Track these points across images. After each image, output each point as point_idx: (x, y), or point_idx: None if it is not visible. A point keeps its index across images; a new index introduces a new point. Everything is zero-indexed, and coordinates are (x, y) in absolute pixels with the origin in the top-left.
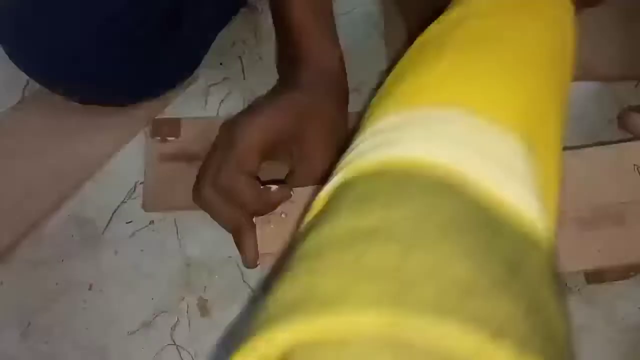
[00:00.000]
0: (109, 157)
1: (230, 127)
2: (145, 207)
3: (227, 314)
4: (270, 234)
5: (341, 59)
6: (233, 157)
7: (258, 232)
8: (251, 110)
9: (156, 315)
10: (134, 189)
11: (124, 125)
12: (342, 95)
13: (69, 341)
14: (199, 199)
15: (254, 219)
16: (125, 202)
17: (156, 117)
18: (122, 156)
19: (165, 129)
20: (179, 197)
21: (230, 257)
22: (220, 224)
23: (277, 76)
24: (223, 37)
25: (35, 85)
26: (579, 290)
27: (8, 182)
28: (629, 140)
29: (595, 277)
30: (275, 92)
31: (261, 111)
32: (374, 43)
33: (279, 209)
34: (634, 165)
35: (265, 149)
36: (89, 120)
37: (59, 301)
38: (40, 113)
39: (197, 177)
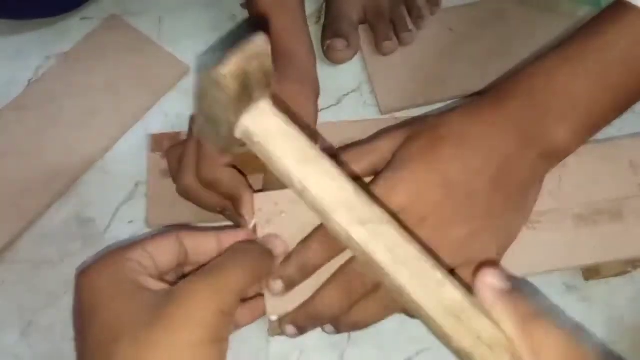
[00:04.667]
0: (105, 151)
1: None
2: (149, 223)
3: None
4: (270, 233)
5: (311, 51)
6: (207, 150)
7: (258, 232)
8: None
9: None
10: (135, 189)
11: (118, 119)
12: (312, 86)
13: (70, 341)
14: (182, 191)
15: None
16: (127, 202)
17: (155, 133)
18: (123, 156)
19: (166, 143)
20: (182, 211)
21: None
22: (206, 209)
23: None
24: (223, 36)
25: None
26: (577, 289)
27: (3, 180)
28: (624, 136)
29: (592, 273)
30: None
31: None
32: None
33: (279, 208)
34: (630, 161)
35: None
36: (82, 115)
37: (60, 301)
38: (34, 110)
39: (178, 170)
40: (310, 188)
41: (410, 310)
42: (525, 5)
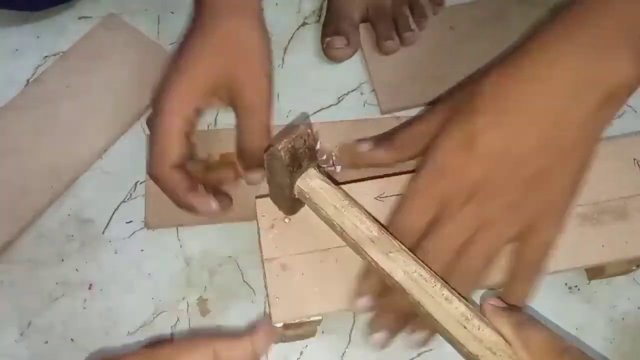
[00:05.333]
0: (104, 151)
1: (153, 102)
2: (148, 225)
3: (227, 314)
4: (274, 239)
5: (259, 27)
6: (155, 146)
7: (262, 237)
8: (166, 78)
9: (156, 315)
10: (134, 189)
11: (116, 119)
12: (260, 63)
13: (69, 341)
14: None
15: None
16: (125, 201)
17: None
18: (121, 156)
19: None
20: (181, 212)
21: (230, 257)
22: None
23: (276, 76)
24: None
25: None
26: (579, 289)
27: (2, 180)
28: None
29: (596, 271)
30: (186, 37)
31: (176, 79)
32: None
33: (282, 214)
34: (634, 159)
35: (189, 117)
36: (81, 115)
37: (59, 301)
38: (32, 110)
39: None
40: (346, 229)
41: (426, 323)
42: (526, 4)
